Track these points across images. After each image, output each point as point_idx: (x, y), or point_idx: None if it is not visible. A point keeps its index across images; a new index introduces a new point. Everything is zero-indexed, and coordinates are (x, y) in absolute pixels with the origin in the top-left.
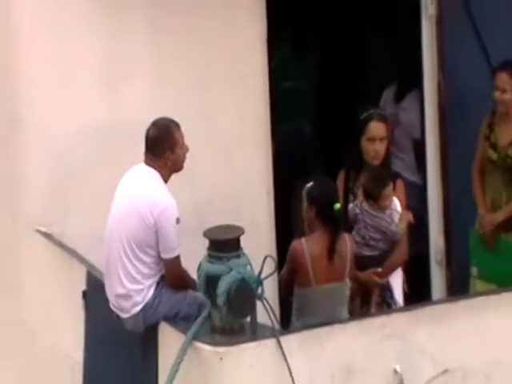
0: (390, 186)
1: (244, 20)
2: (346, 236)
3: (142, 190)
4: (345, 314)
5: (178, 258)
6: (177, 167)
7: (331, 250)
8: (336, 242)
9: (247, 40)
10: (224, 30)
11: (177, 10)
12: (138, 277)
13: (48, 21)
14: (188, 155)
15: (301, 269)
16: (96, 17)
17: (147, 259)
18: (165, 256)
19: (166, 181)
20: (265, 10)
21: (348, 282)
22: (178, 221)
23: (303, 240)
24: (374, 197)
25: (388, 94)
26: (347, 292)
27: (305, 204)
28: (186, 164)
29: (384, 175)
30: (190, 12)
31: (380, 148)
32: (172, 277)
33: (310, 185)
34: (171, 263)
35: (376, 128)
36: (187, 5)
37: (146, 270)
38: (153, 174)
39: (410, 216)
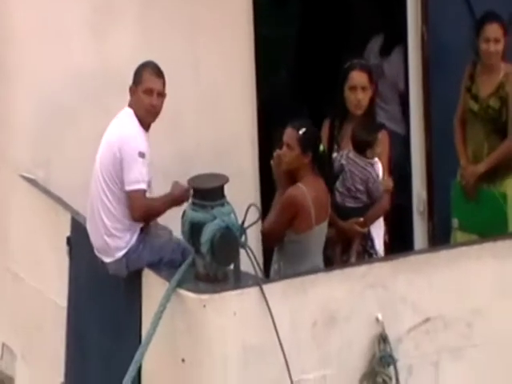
0: (378, 135)
1: None
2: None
3: (114, 124)
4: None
5: (140, 191)
6: (139, 111)
7: (329, 191)
8: (330, 183)
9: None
10: None
11: None
12: (118, 215)
13: None
14: (173, 103)
15: (303, 213)
16: None
17: (122, 196)
18: (127, 188)
19: (143, 123)
20: None
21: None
22: (141, 154)
23: (301, 186)
24: (363, 146)
25: (373, 46)
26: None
27: (295, 150)
28: (171, 112)
29: (373, 124)
30: None
31: (362, 97)
32: (134, 211)
33: (302, 130)
34: (133, 196)
35: (358, 77)
36: None
37: (123, 208)
38: (127, 111)
39: (390, 182)
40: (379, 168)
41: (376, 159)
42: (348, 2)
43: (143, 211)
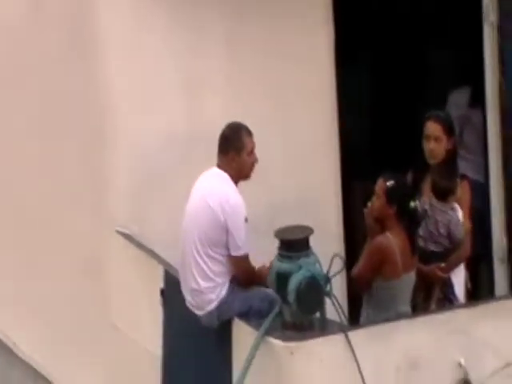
0: (458, 181)
1: (316, 35)
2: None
3: (213, 189)
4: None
5: (245, 255)
6: (243, 172)
7: (413, 244)
8: (415, 236)
9: (319, 55)
10: (297, 43)
11: (252, 22)
12: (211, 274)
13: (132, 39)
14: (261, 159)
15: (390, 261)
16: (176, 32)
17: (218, 257)
18: (234, 253)
19: (235, 183)
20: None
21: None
22: (246, 220)
23: (388, 235)
24: (444, 193)
25: (456, 97)
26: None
27: (381, 200)
28: (259, 167)
29: (451, 171)
30: (265, 24)
31: (434, 147)
32: (241, 274)
33: (390, 183)
34: (240, 261)
35: (431, 127)
36: (263, 18)
37: (218, 268)
38: (223, 175)
39: (468, 225)
40: (459, 212)
41: (456, 205)
42: (428, 59)
43: (248, 273)
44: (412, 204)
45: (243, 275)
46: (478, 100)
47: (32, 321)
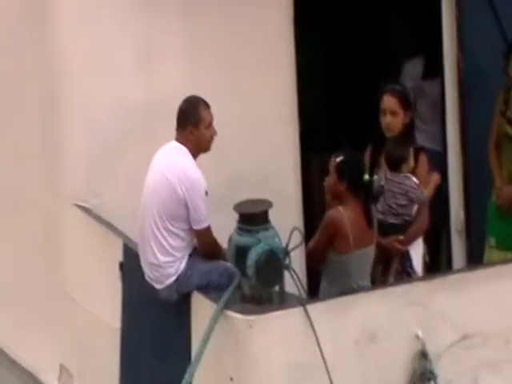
0: (410, 151)
1: (274, 5)
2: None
3: (172, 164)
4: (369, 274)
5: (208, 228)
6: (201, 145)
7: (368, 219)
8: (370, 211)
9: (277, 25)
10: (255, 13)
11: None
12: (170, 249)
13: (88, 6)
14: (220, 132)
15: (341, 235)
16: (133, 1)
17: (178, 231)
18: (196, 227)
19: (194, 156)
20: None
21: (373, 245)
22: (206, 193)
23: (340, 208)
24: (396, 163)
25: (410, 68)
26: (374, 252)
27: (332, 177)
28: (218, 140)
29: (402, 141)
30: None
31: (390, 121)
32: (204, 247)
33: (339, 159)
34: (202, 234)
35: (387, 101)
36: None
37: (177, 242)
38: (181, 149)
39: (437, 177)
40: (417, 182)
41: (411, 176)
42: (385, 28)
43: (211, 246)
44: (365, 178)
45: (206, 248)
46: (432, 71)
47: None
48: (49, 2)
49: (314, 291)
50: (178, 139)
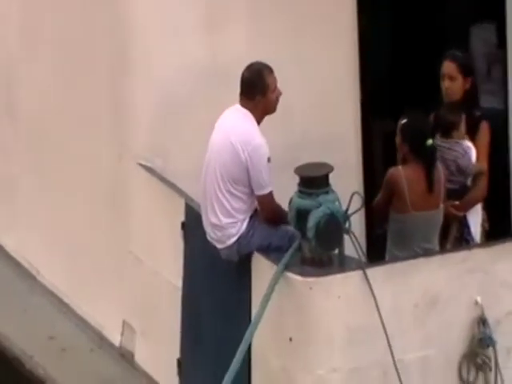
0: (463, 117)
1: None
2: (439, 166)
3: (236, 127)
4: (437, 238)
5: (270, 194)
6: (269, 110)
7: (428, 182)
8: (431, 175)
9: None
10: None
11: None
12: (232, 210)
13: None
14: (282, 97)
15: (398, 194)
16: None
17: (240, 194)
18: (258, 192)
19: (258, 122)
20: None
21: (442, 208)
22: (269, 160)
23: (400, 167)
24: (447, 128)
25: (480, 32)
26: (441, 218)
27: (398, 139)
28: (279, 105)
29: (458, 106)
30: None
31: (448, 86)
32: (266, 212)
33: (403, 121)
34: (264, 199)
35: (446, 67)
36: None
37: (238, 205)
38: (246, 114)
39: (485, 166)
40: (470, 148)
41: (463, 140)
42: None
43: (273, 212)
44: (428, 142)
45: (268, 214)
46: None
47: (55, 250)
48: None
49: (373, 256)
50: (244, 105)
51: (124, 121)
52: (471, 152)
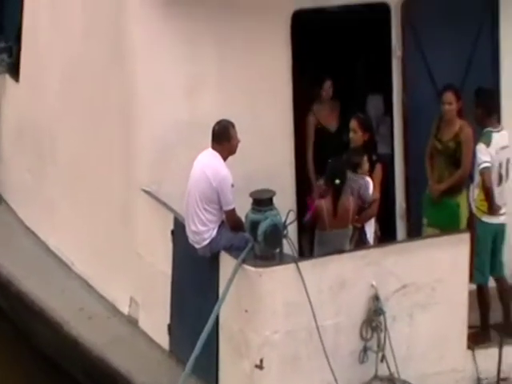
0: (365, 159)
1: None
2: (349, 198)
3: (209, 164)
4: (347, 243)
5: (233, 209)
6: (231, 152)
7: (335, 209)
8: (337, 204)
9: (279, 71)
10: (263, 59)
11: (237, 42)
12: (206, 221)
13: (151, 55)
14: (240, 143)
15: (321, 219)
16: (180, 48)
17: (212, 210)
18: (225, 208)
19: (225, 159)
20: (290, 48)
21: (350, 228)
22: (232, 185)
23: (322, 201)
24: (354, 166)
25: (372, 101)
26: (350, 232)
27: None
28: (239, 148)
29: (360, 151)
30: (246, 46)
31: (352, 136)
32: (230, 222)
33: (329, 164)
34: (229, 213)
35: (352, 123)
36: (246, 44)
37: (210, 217)
38: (216, 155)
39: (377, 195)
40: (369, 182)
41: (366, 177)
42: (358, 75)
43: (236, 222)
44: (336, 181)
45: (232, 223)
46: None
47: (83, 248)
48: (128, 52)
49: (303, 253)
50: (214, 149)
51: (131, 160)
52: (369, 185)
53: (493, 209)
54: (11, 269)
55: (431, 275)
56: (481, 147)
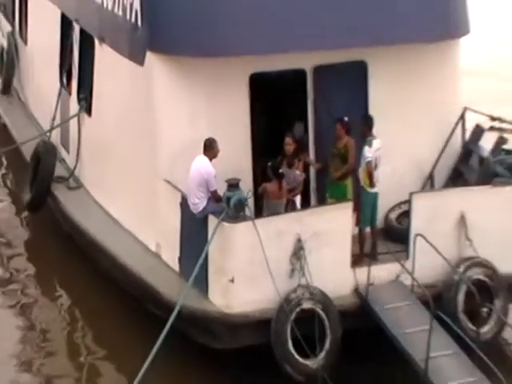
0: (296, 160)
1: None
2: (285, 182)
3: (201, 164)
4: (282, 210)
5: (216, 190)
6: (214, 157)
7: (279, 188)
8: (280, 185)
9: (242, 114)
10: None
11: (217, 96)
12: (200, 197)
13: (168, 104)
14: (221, 152)
15: (266, 194)
16: (184, 98)
17: (203, 190)
18: (210, 189)
19: (210, 161)
20: (248, 96)
21: (284, 199)
22: (215, 176)
23: (268, 184)
24: (289, 164)
25: (298, 126)
26: (284, 203)
27: (269, 170)
28: (219, 155)
29: (294, 155)
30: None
31: (288, 148)
32: (213, 198)
33: (269, 164)
34: (213, 192)
35: (286, 140)
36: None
37: (202, 195)
38: (205, 159)
39: (303, 175)
40: (297, 173)
41: (297, 170)
42: (287, 103)
43: (217, 197)
44: (280, 170)
45: (215, 198)
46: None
47: (130, 213)
48: (153, 100)
49: (258, 215)
50: (204, 154)
51: (156, 162)
52: (297, 175)
53: (372, 184)
54: (91, 228)
55: (331, 226)
56: (366, 149)
